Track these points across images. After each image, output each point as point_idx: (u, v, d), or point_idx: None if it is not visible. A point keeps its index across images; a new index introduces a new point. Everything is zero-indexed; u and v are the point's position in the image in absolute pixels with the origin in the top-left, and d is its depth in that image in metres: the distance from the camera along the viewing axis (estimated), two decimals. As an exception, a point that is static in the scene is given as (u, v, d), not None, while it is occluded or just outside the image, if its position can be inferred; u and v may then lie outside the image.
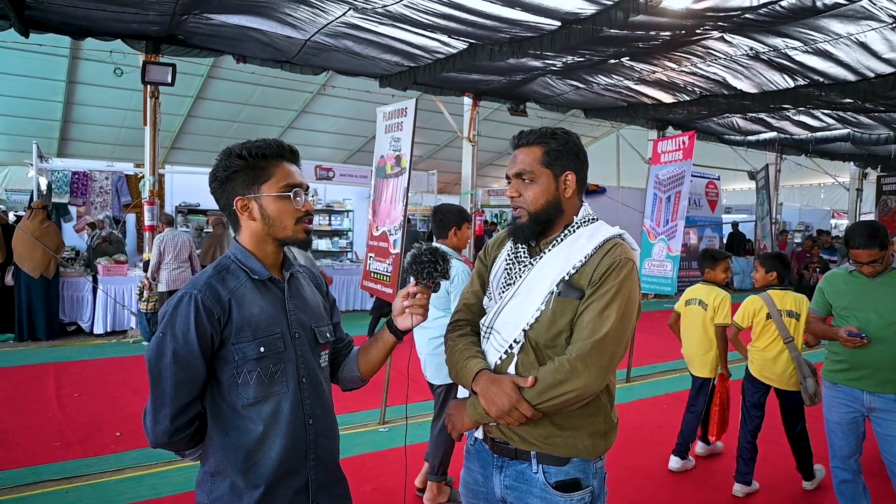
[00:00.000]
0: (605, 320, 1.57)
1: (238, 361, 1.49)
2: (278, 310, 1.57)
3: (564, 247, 1.69)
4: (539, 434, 1.64)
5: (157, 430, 1.48)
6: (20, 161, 11.40)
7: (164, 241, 7.32)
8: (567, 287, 1.64)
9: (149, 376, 1.47)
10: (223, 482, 1.51)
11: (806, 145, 11.84)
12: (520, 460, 1.67)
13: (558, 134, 1.74)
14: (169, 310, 1.47)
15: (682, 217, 5.97)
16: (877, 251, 2.85)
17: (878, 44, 6.04)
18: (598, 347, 1.56)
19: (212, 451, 1.53)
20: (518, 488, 1.68)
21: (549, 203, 1.70)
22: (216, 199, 1.59)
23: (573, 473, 1.65)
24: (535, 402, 1.57)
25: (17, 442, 4.37)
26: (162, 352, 1.45)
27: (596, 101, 9.78)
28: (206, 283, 1.49)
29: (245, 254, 1.57)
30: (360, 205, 12.65)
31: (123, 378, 6.07)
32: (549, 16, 5.62)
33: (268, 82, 10.95)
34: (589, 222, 1.73)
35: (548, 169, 1.71)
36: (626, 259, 1.63)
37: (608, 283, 1.60)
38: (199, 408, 1.51)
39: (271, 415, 1.52)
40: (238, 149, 1.54)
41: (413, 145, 4.83)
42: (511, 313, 1.70)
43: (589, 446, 1.65)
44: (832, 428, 3.11)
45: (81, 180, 9.63)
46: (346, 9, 5.78)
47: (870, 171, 14.85)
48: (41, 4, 6.15)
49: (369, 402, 5.10)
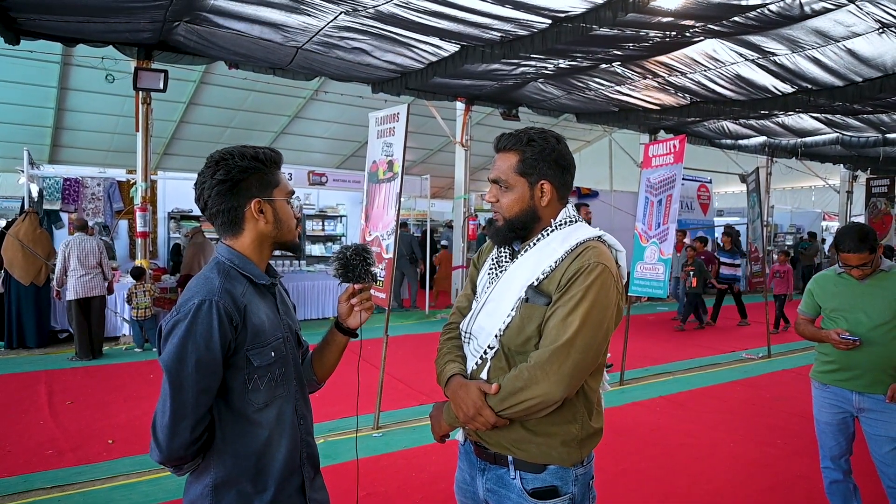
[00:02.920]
0: (568, 327, 1.53)
1: (250, 368, 1.49)
2: (276, 314, 1.60)
3: (535, 252, 1.67)
4: (511, 438, 1.63)
5: (174, 443, 1.42)
6: (11, 168, 11.34)
7: (70, 247, 6.95)
8: (534, 293, 1.61)
9: (168, 387, 1.40)
10: (229, 492, 1.49)
11: (796, 148, 11.93)
12: (499, 465, 1.67)
13: (536, 140, 1.67)
14: (187, 317, 1.41)
15: (674, 220, 6.00)
16: (867, 255, 2.88)
17: (866, 48, 6.11)
18: (557, 355, 1.52)
19: (218, 461, 1.49)
20: (498, 492, 1.68)
21: (524, 211, 1.68)
22: (216, 202, 1.52)
23: (550, 481, 1.62)
24: (497, 408, 1.57)
25: (9, 450, 4.34)
26: (184, 361, 1.39)
27: (588, 106, 9.84)
28: (222, 288, 1.46)
29: (243, 259, 1.55)
30: (353, 210, 12.64)
31: (115, 385, 6.04)
32: (540, 14, 5.65)
33: (260, 88, 10.98)
34: (566, 225, 1.69)
35: (523, 178, 1.67)
36: (595, 263, 1.57)
37: (574, 289, 1.55)
38: (209, 417, 1.48)
39: (276, 418, 1.54)
40: (251, 151, 1.53)
41: (405, 150, 4.85)
42: (484, 319, 1.70)
43: (563, 454, 1.62)
44: (822, 428, 3.13)
45: (73, 187, 9.57)
46: (337, 13, 5.80)
47: (860, 173, 14.98)
48: (31, 21, 6.15)
49: (362, 407, 5.09)
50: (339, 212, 13.20)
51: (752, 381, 6.62)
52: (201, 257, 8.46)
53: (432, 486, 3.85)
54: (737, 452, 4.48)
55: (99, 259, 7.17)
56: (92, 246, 7.12)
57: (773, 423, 5.00)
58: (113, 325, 8.11)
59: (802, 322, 3.25)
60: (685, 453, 4.49)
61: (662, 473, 4.13)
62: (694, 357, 7.74)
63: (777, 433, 4.88)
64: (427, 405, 5.56)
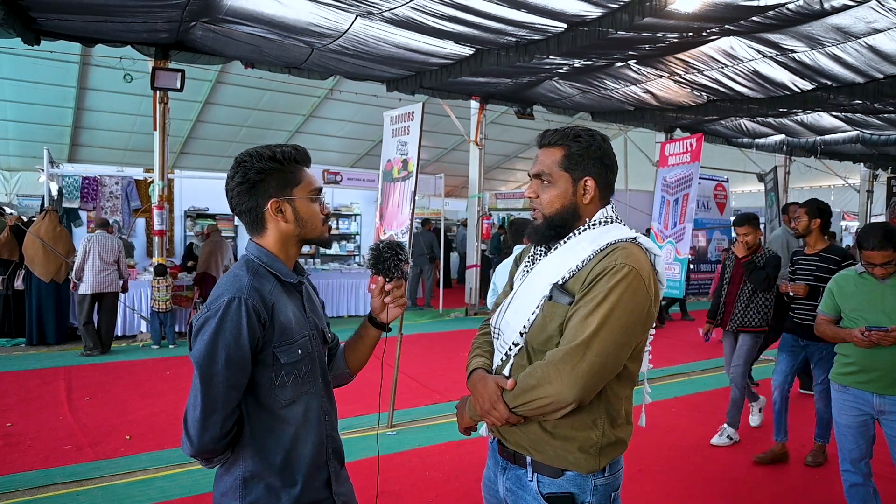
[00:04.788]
0: (587, 327, 1.48)
1: (278, 364, 1.52)
2: (302, 312, 1.62)
3: (565, 250, 1.64)
4: (530, 439, 1.61)
5: (204, 437, 1.46)
6: (31, 167, 11.52)
7: (91, 243, 7.17)
8: (558, 292, 1.58)
9: (199, 382, 1.45)
10: (258, 485, 1.52)
11: (815, 147, 11.77)
12: (518, 465, 1.66)
13: (582, 136, 1.64)
14: (217, 314, 1.45)
15: (691, 220, 5.96)
16: (891, 253, 2.84)
17: (887, 45, 6.01)
18: (571, 355, 1.48)
19: (246, 455, 1.53)
20: (516, 493, 1.67)
21: (565, 208, 1.64)
22: (238, 202, 1.57)
23: (567, 487, 1.58)
24: (511, 404, 1.55)
25: (29, 445, 4.41)
26: (214, 357, 1.44)
27: (603, 105, 9.77)
28: (250, 286, 1.50)
29: (270, 257, 1.58)
30: (368, 208, 12.69)
31: (133, 382, 6.11)
32: (556, 18, 5.62)
33: (276, 87, 11.03)
34: (601, 224, 1.65)
35: (566, 173, 1.64)
36: (622, 264, 1.51)
37: (596, 289, 1.51)
38: (238, 411, 1.52)
39: (303, 414, 1.57)
40: (269, 152, 1.56)
41: (420, 149, 4.86)
42: (511, 315, 1.69)
43: (580, 460, 1.57)
44: (842, 431, 3.09)
45: (92, 185, 9.70)
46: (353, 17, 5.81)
47: (880, 172, 14.74)
48: (50, 21, 6.23)
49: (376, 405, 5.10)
50: (353, 210, 13.25)
51: (769, 382, 6.53)
52: (218, 256, 8.54)
53: (446, 485, 3.85)
54: (754, 454, 4.43)
55: (117, 257, 7.36)
56: (113, 244, 7.34)
57: (791, 425, 4.93)
58: (130, 322, 8.22)
59: (823, 322, 3.20)
60: (701, 455, 4.45)
61: (679, 475, 4.10)
62: (710, 358, 7.67)
63: (795, 435, 4.82)
64: (440, 404, 5.57)
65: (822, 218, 4.17)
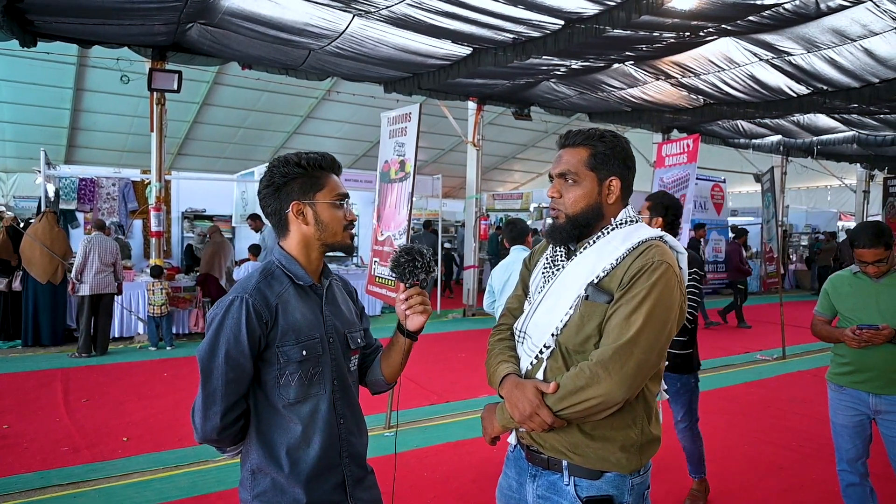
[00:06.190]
0: (632, 325, 1.49)
1: (281, 363, 1.57)
2: (317, 315, 1.65)
3: (596, 249, 1.63)
4: (569, 442, 1.58)
5: (206, 426, 1.55)
6: (28, 168, 11.51)
7: (91, 244, 7.18)
8: (595, 290, 1.57)
9: (200, 375, 1.54)
10: (265, 479, 1.59)
11: (812, 147, 11.80)
12: (552, 471, 1.62)
13: (607, 137, 1.67)
14: (220, 312, 1.54)
15: (688, 220, 5.96)
16: (882, 251, 2.84)
17: (883, 48, 6.02)
18: (620, 353, 1.48)
19: (253, 449, 1.60)
20: (549, 499, 1.63)
21: (590, 207, 1.64)
22: (265, 204, 1.66)
23: (606, 489, 1.57)
24: (555, 408, 1.52)
25: (26, 447, 4.40)
26: (214, 352, 1.52)
27: (600, 105, 9.79)
28: (255, 287, 1.57)
29: (289, 259, 1.64)
30: (365, 209, 12.67)
31: (130, 383, 6.09)
32: (553, 14, 5.62)
33: (273, 88, 11.04)
34: (627, 224, 1.66)
35: (592, 172, 1.64)
36: (660, 261, 1.53)
37: (637, 287, 1.51)
38: (244, 405, 1.59)
39: (310, 414, 1.60)
40: (295, 158, 1.63)
41: (417, 150, 4.86)
42: (541, 317, 1.66)
43: (621, 459, 1.56)
44: (838, 431, 3.09)
45: (89, 187, 9.68)
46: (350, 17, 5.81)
47: (877, 172, 14.78)
48: (47, 23, 6.22)
49: (375, 405, 5.10)
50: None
51: (766, 382, 6.56)
52: (220, 256, 8.54)
53: (444, 486, 3.85)
54: (751, 454, 4.44)
55: (115, 259, 7.38)
56: (111, 246, 7.37)
57: (787, 425, 4.95)
58: (127, 324, 8.20)
59: (818, 323, 3.21)
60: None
61: (676, 475, 4.10)
62: (708, 358, 7.68)
63: (792, 435, 4.83)
64: (438, 405, 5.57)
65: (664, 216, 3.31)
